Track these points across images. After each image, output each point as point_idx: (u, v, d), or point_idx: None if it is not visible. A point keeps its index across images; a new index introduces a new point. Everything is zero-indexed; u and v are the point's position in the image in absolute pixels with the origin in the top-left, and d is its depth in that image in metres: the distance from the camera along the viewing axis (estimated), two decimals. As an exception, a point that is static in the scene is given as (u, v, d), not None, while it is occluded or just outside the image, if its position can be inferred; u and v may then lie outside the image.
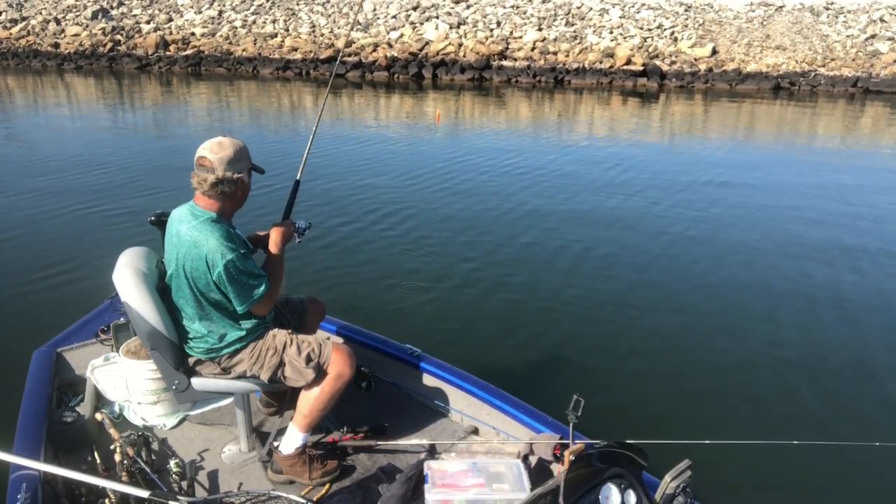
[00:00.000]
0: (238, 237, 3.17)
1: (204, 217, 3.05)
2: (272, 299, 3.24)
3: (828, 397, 5.36)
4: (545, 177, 12.09)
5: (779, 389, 5.43)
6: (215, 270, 2.99)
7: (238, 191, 3.11)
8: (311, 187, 10.38)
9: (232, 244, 3.01)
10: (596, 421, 3.26)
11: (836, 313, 6.79)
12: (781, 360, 5.89)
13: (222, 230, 3.04)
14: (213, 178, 3.00)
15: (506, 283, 7.27)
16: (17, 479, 2.95)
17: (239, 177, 3.07)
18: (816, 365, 5.83)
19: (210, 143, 3.06)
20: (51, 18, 34.02)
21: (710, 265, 8.00)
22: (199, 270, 3.02)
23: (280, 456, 3.39)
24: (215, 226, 3.04)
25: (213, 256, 2.99)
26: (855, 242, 8.86)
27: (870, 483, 4.35)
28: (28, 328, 5.80)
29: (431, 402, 4.07)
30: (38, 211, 9.35)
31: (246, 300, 3.10)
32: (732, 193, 11.28)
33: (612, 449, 2.60)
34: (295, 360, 3.26)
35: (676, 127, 19.39)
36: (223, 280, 3.01)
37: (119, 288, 3.12)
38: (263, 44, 31.23)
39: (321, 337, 3.36)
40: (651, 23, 32.74)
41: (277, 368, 3.27)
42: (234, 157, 3.04)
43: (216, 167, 3.00)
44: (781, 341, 6.20)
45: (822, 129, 19.58)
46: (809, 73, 28.39)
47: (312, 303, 3.85)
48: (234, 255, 3.00)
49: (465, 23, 32.63)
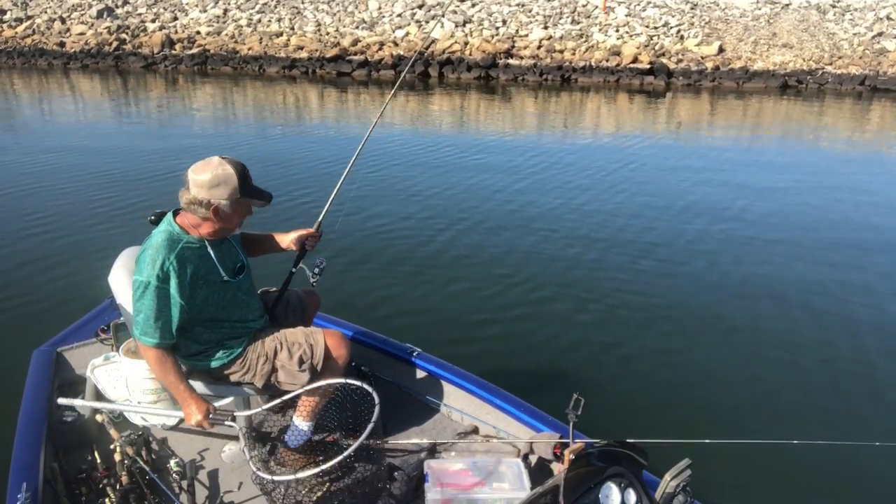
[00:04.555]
0: (192, 268, 3.02)
1: (165, 228, 3.01)
2: (146, 359, 3.06)
3: (828, 397, 5.35)
4: (545, 176, 12.09)
5: (779, 389, 5.42)
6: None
7: (213, 216, 2.98)
8: (311, 187, 10.37)
9: (157, 271, 2.90)
10: (596, 420, 3.24)
11: (835, 313, 6.77)
12: (781, 360, 5.88)
13: (165, 250, 2.93)
14: (187, 196, 2.94)
15: (505, 283, 7.26)
16: (17, 478, 2.96)
17: (214, 203, 2.93)
18: (816, 365, 5.81)
19: (199, 162, 2.97)
20: (56, 17, 34.04)
21: (709, 265, 7.97)
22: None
23: (285, 449, 3.39)
24: (164, 241, 2.95)
25: (137, 264, 2.95)
26: (857, 241, 8.83)
27: (870, 483, 4.34)
28: (28, 328, 5.81)
29: (431, 401, 4.06)
30: (38, 210, 9.35)
31: (134, 326, 3.01)
32: (725, 191, 11.27)
33: (613, 448, 2.60)
34: (287, 364, 3.21)
35: (690, 124, 19.34)
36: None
37: (114, 289, 3.12)
38: (269, 42, 31.19)
39: (314, 330, 3.33)
40: (657, 21, 32.62)
41: (270, 375, 3.23)
42: (211, 182, 2.90)
43: (192, 187, 2.93)
44: (782, 341, 6.19)
45: (840, 127, 19.50)
46: (816, 72, 28.23)
47: (309, 294, 3.80)
48: (143, 277, 2.90)
49: (471, 21, 32.58)
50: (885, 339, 6.24)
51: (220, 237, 3.13)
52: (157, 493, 3.22)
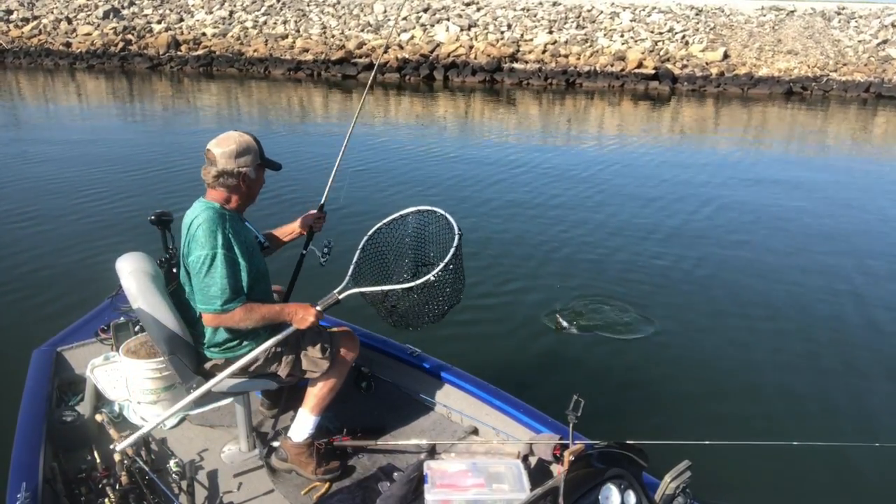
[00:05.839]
0: (241, 236, 3.12)
1: (208, 206, 3.08)
2: (230, 322, 3.08)
3: (828, 398, 5.36)
4: (545, 176, 12.11)
5: (779, 390, 5.43)
6: (190, 255, 3.00)
7: (241, 184, 3.11)
8: (312, 186, 10.36)
9: (221, 240, 2.98)
10: (596, 421, 3.23)
11: (836, 314, 6.78)
12: (781, 360, 5.89)
13: (219, 222, 3.02)
14: (214, 170, 3.05)
15: (505, 282, 7.26)
16: (17, 478, 2.95)
17: (242, 170, 3.07)
18: (817, 366, 5.82)
19: (217, 137, 3.11)
20: (62, 18, 34.15)
21: (708, 264, 7.99)
22: (186, 258, 3.03)
23: (289, 443, 3.43)
24: (214, 215, 3.04)
25: (194, 243, 3.00)
26: (862, 247, 8.82)
27: (870, 483, 4.35)
28: (28, 328, 5.83)
29: (431, 402, 4.06)
30: (39, 209, 9.37)
31: (203, 303, 3.02)
32: (726, 195, 11.29)
33: (612, 449, 2.59)
34: (312, 352, 3.32)
35: (695, 130, 19.33)
36: (192, 268, 3.00)
37: (131, 294, 3.09)
38: (274, 44, 31.25)
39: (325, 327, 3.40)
40: (662, 26, 32.65)
41: (294, 363, 3.32)
42: (237, 151, 3.06)
43: (218, 160, 3.04)
44: (782, 342, 6.20)
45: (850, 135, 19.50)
46: (821, 78, 28.24)
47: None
48: (210, 251, 2.96)
49: (476, 25, 32.61)
50: (886, 340, 6.24)
51: (243, 210, 3.26)
52: (156, 493, 3.21)
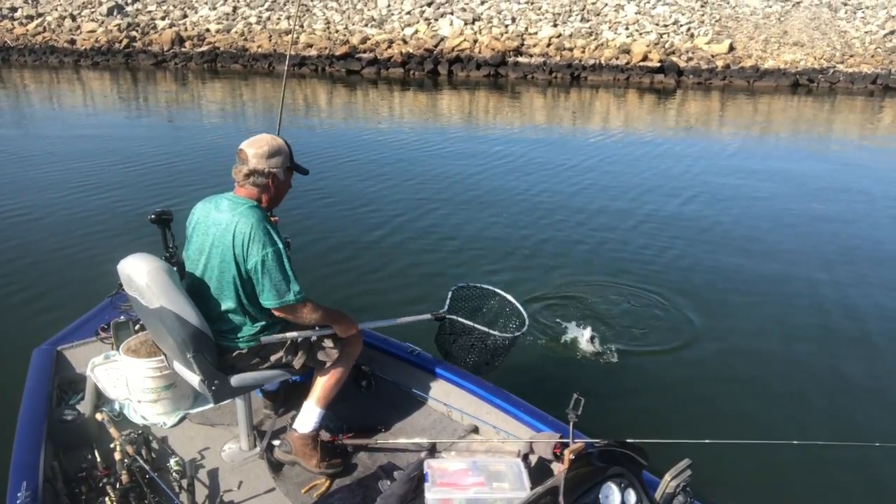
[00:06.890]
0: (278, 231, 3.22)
1: (247, 204, 3.14)
2: (299, 314, 3.22)
3: (828, 398, 5.33)
4: (546, 174, 12.07)
5: (779, 389, 5.40)
6: (252, 259, 3.05)
7: (270, 184, 3.18)
8: (315, 185, 10.36)
9: (275, 236, 3.10)
10: (596, 420, 3.22)
11: (836, 314, 6.73)
12: (782, 360, 5.86)
13: (265, 219, 3.12)
14: (246, 169, 3.13)
15: (504, 282, 7.22)
16: (17, 477, 2.96)
17: (272, 171, 3.16)
18: (817, 365, 5.79)
19: (251, 138, 3.22)
20: (66, 15, 34.21)
21: (708, 264, 7.94)
22: (241, 256, 3.07)
23: (294, 435, 3.45)
24: (263, 214, 3.14)
25: (253, 245, 3.04)
26: (866, 246, 8.79)
27: (870, 483, 4.33)
28: (28, 326, 5.82)
29: (431, 400, 4.06)
30: (39, 208, 9.35)
31: (276, 298, 3.11)
32: (730, 188, 11.28)
33: (613, 448, 2.59)
34: (325, 343, 3.42)
35: (701, 122, 19.27)
36: (258, 270, 3.06)
37: (153, 294, 2.98)
38: (279, 40, 31.25)
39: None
40: (667, 19, 32.50)
41: (309, 354, 3.39)
42: (269, 152, 3.15)
43: (250, 159, 3.12)
44: (782, 341, 6.16)
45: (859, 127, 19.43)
46: (828, 70, 28.08)
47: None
48: (273, 248, 3.06)
49: (480, 19, 32.54)
50: (886, 340, 6.21)
51: (270, 210, 3.33)
52: (156, 492, 3.21)
